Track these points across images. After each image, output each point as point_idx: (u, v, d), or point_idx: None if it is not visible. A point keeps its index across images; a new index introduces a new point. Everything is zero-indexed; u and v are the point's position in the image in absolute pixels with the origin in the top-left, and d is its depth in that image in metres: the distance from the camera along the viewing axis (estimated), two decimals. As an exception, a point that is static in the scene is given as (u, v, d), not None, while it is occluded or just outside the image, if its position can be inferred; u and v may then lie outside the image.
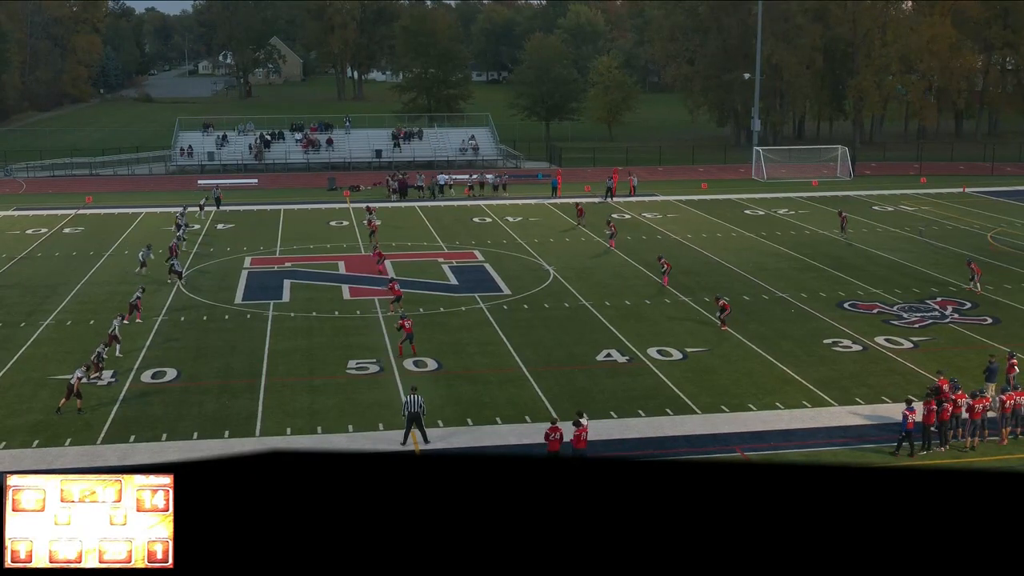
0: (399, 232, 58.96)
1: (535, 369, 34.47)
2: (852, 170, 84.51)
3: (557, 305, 42.92)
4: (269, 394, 32.26)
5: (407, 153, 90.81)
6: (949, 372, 31.63)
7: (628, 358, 35.80)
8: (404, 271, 49.12)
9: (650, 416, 30.35)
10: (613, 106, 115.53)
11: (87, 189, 76.33)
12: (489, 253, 53.30)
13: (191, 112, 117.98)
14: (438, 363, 35.15)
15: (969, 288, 44.62)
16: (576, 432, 26.15)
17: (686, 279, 47.36)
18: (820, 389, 32.65)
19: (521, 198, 71.84)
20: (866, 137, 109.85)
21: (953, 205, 69.34)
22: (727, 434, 29.05)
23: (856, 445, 28.23)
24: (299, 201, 71.04)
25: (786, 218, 64.63)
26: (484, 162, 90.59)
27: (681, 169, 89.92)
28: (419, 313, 41.49)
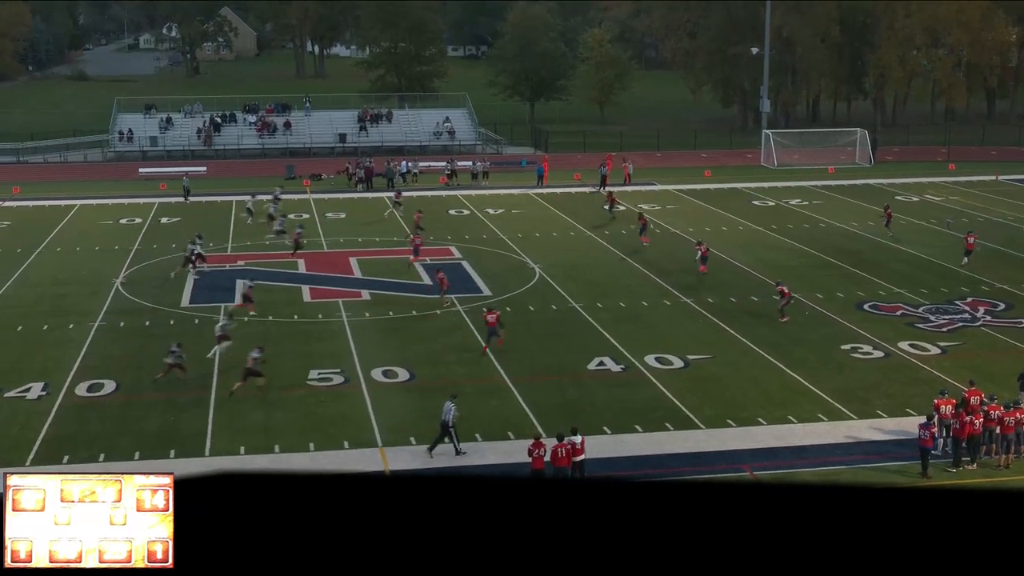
0: (367, 227, 58.88)
1: (519, 379, 34.46)
2: (872, 156, 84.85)
3: (544, 307, 42.93)
4: (220, 409, 32.15)
5: (375, 137, 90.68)
6: (981, 381, 31.78)
7: (623, 367, 35.84)
8: (372, 270, 49.07)
9: (648, 431, 30.39)
10: (605, 85, 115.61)
11: (14, 178, 75.97)
12: (467, 249, 53.29)
13: (131, 92, 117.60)
14: (410, 373, 35.12)
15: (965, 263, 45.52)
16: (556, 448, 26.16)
17: (688, 278, 47.45)
18: (837, 401, 32.76)
19: (503, 187, 71.84)
20: (888, 119, 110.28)
21: (985, 194, 69.70)
22: (734, 451, 29.11)
23: (878, 463, 28.34)
24: (254, 191, 70.89)
25: (799, 209, 64.83)
26: (461, 147, 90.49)
27: (682, 155, 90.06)
28: (388, 317, 41.45)
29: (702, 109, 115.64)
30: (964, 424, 27.81)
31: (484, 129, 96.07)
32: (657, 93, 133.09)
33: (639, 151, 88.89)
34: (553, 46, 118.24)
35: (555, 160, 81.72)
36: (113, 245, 54.56)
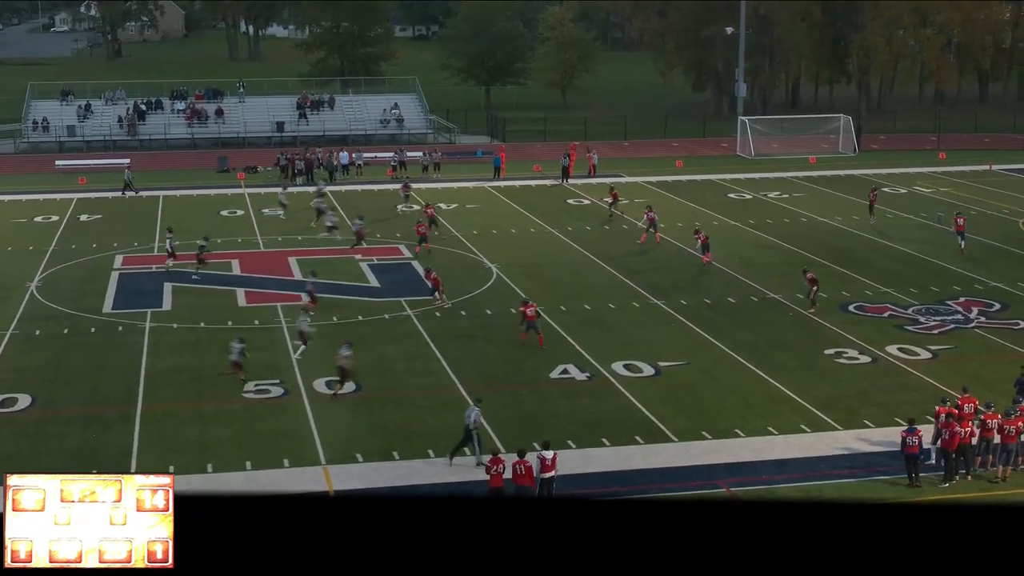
0: (305, 224, 58.64)
1: (476, 390, 34.44)
2: (857, 144, 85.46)
3: (502, 311, 42.95)
4: (147, 424, 31.94)
5: (315, 126, 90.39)
6: (975, 387, 32.07)
7: (589, 375, 35.90)
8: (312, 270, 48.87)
9: (616, 445, 30.45)
10: (568, 68, 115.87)
11: (-84, 172, 75.10)
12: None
13: (46, 76, 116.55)
14: (356, 384, 35.03)
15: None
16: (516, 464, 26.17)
17: (658, 278, 47.61)
18: (821, 410, 32.97)
19: (456, 180, 71.80)
20: (873, 104, 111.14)
21: (978, 185, 70.38)
22: (710, 466, 29.21)
23: (865, 477, 28.53)
24: (182, 186, 70.44)
25: (778, 203, 65.20)
26: (411, 136, 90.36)
27: (651, 144, 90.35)
28: (332, 323, 41.33)
29: (673, 94, 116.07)
30: (954, 434, 28.03)
31: (435, 116, 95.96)
32: (624, 77, 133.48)
33: (605, 140, 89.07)
34: (510, 26, 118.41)
35: (513, 150, 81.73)
36: (27, 245, 54.06)
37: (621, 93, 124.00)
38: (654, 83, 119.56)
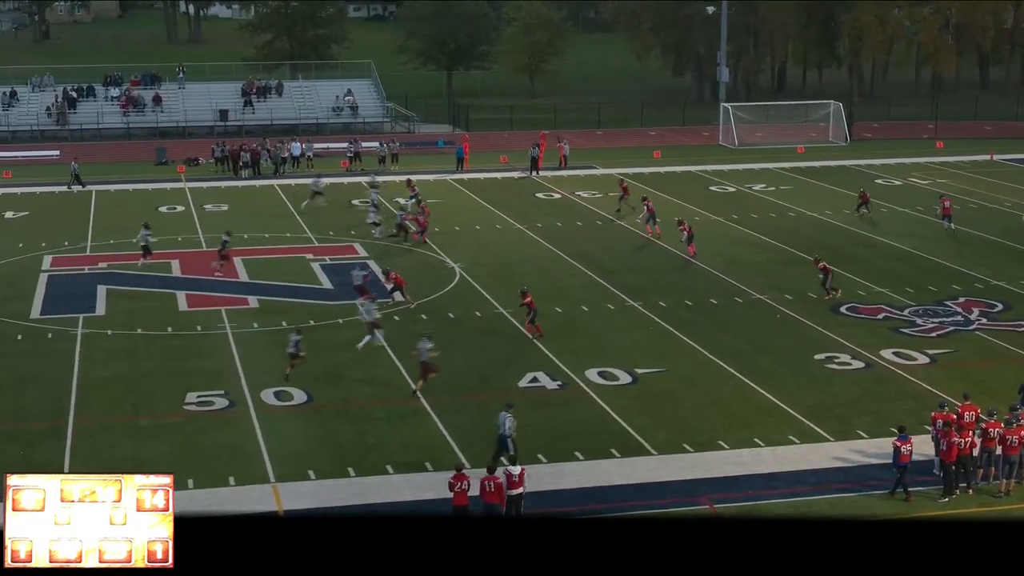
0: (253, 220, 58.46)
1: (438, 400, 34.41)
2: (848, 132, 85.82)
3: (466, 314, 42.91)
4: (79, 439, 31.76)
5: (262, 114, 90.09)
6: (977, 394, 32.23)
7: (560, 383, 35.91)
8: (260, 272, 48.75)
9: (591, 459, 30.46)
10: (536, 51, 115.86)
11: None
12: (374, 246, 53.13)
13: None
14: (307, 394, 34.92)
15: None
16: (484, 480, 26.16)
17: (635, 278, 47.67)
18: (812, 420, 33.07)
19: (416, 172, 71.67)
20: (866, 90, 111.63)
21: (978, 177, 70.80)
22: (692, 481, 29.26)
23: (859, 492, 28.63)
24: (117, 179, 70.07)
25: (764, 196, 65.40)
26: (366, 125, 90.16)
27: (626, 133, 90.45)
28: (282, 327, 41.20)
29: (650, 79, 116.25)
30: (951, 445, 28.16)
31: (393, 104, 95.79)
32: (597, 61, 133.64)
33: (576, 129, 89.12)
34: (474, 5, 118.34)
35: (477, 140, 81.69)
36: (-53, 245, 53.70)
37: (594, 78, 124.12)
38: (630, 67, 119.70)
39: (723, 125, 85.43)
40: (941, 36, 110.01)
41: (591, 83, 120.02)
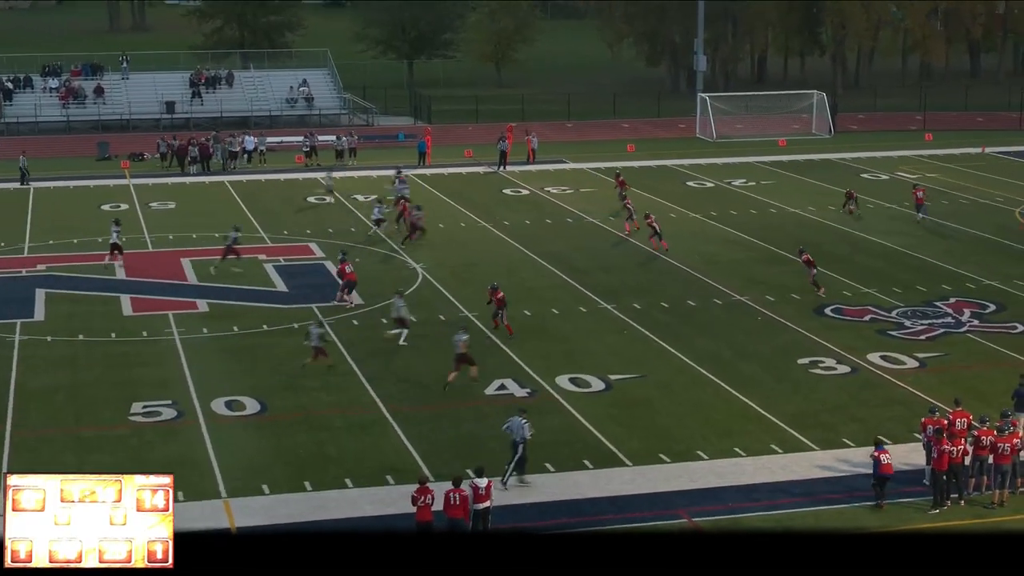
0: (200, 219, 58.26)
1: (400, 409, 34.36)
2: (832, 124, 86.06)
3: (429, 318, 42.86)
4: (17, 453, 31.57)
5: (212, 106, 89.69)
6: (969, 400, 32.34)
7: (529, 390, 35.91)
8: (209, 273, 48.55)
9: (562, 471, 30.46)
10: (503, 38, 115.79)
11: None
12: (331, 246, 52.99)
13: None
14: (261, 403, 34.82)
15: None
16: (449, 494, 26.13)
17: (609, 278, 47.70)
18: (795, 428, 33.16)
19: (375, 168, 71.53)
20: (850, 79, 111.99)
21: (969, 171, 71.06)
22: (669, 493, 29.29)
23: (845, 503, 28.71)
24: (56, 176, 69.71)
25: (744, 191, 65.53)
26: (322, 118, 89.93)
27: (598, 125, 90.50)
28: (232, 333, 41.06)
29: (623, 68, 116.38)
30: (942, 453, 28.26)
31: (350, 95, 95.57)
32: (567, 49, 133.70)
33: (545, 121, 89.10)
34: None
35: (441, 133, 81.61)
36: None
37: (564, 68, 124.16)
38: (602, 56, 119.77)
39: (700, 117, 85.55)
40: (929, 22, 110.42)
41: (561, 73, 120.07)
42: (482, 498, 26.50)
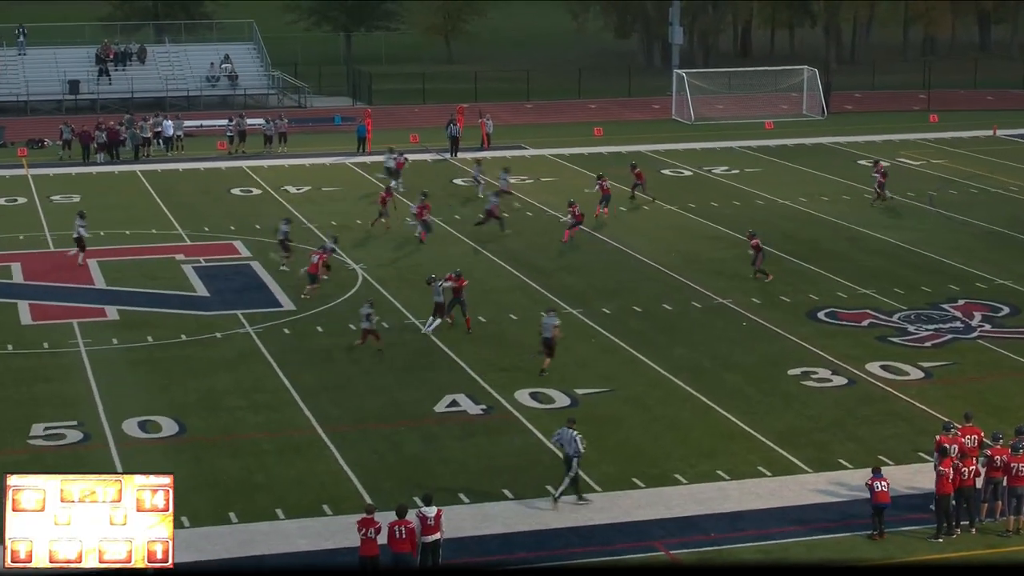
0: (109, 214, 57.98)
1: (338, 429, 34.26)
2: (825, 104, 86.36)
3: (370, 326, 42.85)
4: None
5: (121, 85, 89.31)
6: (980, 414, 32.50)
7: (485, 407, 35.87)
8: (120, 277, 48.32)
9: (522, 498, 30.43)
10: (452, 8, 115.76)
11: None
12: (258, 245, 52.84)
13: None
14: (179, 424, 34.65)
15: None
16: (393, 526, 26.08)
17: (573, 280, 47.71)
18: (785, 447, 33.22)
19: (309, 155, 71.42)
20: (845, 53, 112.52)
21: (979, 156, 71.47)
22: (643, 522, 29.30)
23: (842, 532, 28.77)
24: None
25: (726, 180, 65.68)
26: (247, 99, 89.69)
27: (561, 106, 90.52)
28: (146, 344, 40.88)
29: (589, 42, 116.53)
30: (940, 475, 28.19)
31: (280, 72, 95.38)
32: (526, 20, 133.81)
33: (502, 102, 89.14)
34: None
35: (382, 116, 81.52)
36: None
37: (522, 42, 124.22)
38: (565, 28, 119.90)
39: (677, 96, 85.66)
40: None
41: (519, 47, 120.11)
42: (431, 530, 26.43)
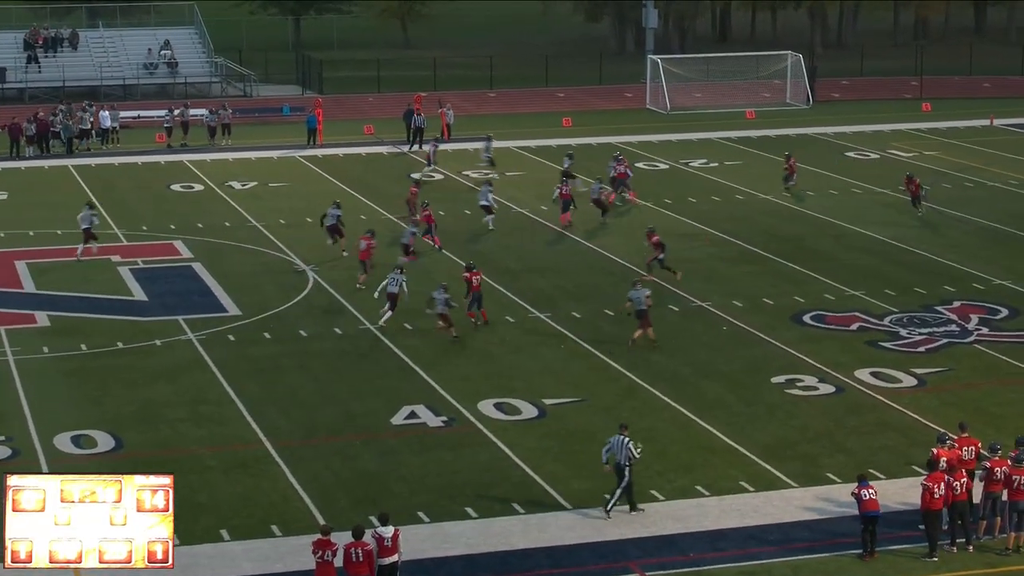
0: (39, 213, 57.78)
1: (288, 443, 34.17)
2: (811, 92, 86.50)
3: (323, 332, 42.70)
4: None
5: (51, 73, 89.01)
6: (977, 423, 32.60)
7: (446, 419, 35.81)
8: (50, 279, 48.16)
9: (486, 517, 30.38)
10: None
11: None
12: (201, 245, 52.74)
13: None
14: (115, 438, 34.50)
15: None
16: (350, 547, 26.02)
17: (542, 281, 47.68)
18: (769, 461, 33.23)
19: (254, 148, 71.29)
20: (831, 37, 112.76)
21: (975, 147, 71.73)
22: (617, 542, 29.29)
23: (829, 552, 28.80)
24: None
25: (704, 174, 65.75)
26: (189, 87, 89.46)
27: (527, 95, 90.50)
28: (80, 353, 40.71)
29: (557, 26, 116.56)
30: (926, 490, 28.14)
31: (224, 59, 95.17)
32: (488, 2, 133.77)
33: (463, 90, 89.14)
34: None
35: (334, 106, 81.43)
36: None
37: (485, 25, 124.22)
38: (531, 11, 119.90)
39: (651, 84, 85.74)
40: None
41: (481, 31, 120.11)
42: (388, 551, 26.36)
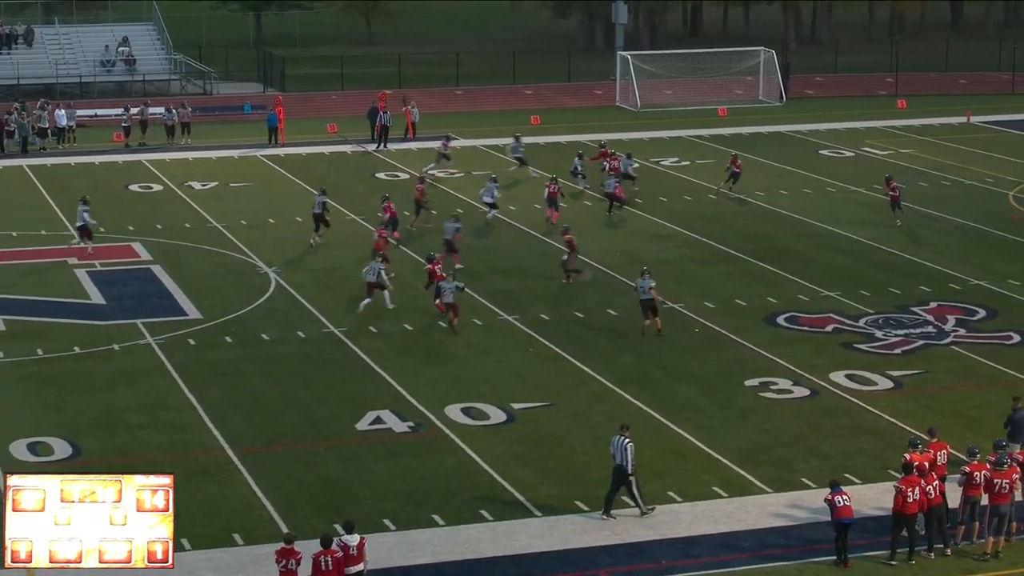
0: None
1: (250, 450, 34.11)
2: (784, 88, 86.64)
3: (286, 335, 42.66)
4: None
5: (6, 70, 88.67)
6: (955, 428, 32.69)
7: (412, 424, 35.80)
8: (5, 282, 48.03)
9: (454, 524, 30.37)
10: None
11: None
12: (160, 247, 52.60)
13: None
14: (73, 446, 34.39)
15: None
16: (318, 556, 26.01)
17: (509, 283, 47.67)
18: (742, 466, 33.26)
19: (215, 147, 71.11)
20: (805, 33, 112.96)
21: (951, 145, 71.90)
22: (587, 549, 29.29)
23: (803, 559, 28.82)
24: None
25: (675, 173, 65.80)
26: (147, 85, 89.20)
27: (494, 92, 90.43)
28: (36, 357, 40.59)
29: (524, 22, 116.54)
30: (899, 493, 28.20)
31: (183, 56, 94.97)
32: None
33: (428, 87, 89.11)
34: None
35: (296, 104, 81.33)
36: None
37: (450, 23, 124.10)
38: (498, 7, 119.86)
39: (621, 81, 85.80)
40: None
41: (447, 27, 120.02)
42: (353, 560, 26.35)
